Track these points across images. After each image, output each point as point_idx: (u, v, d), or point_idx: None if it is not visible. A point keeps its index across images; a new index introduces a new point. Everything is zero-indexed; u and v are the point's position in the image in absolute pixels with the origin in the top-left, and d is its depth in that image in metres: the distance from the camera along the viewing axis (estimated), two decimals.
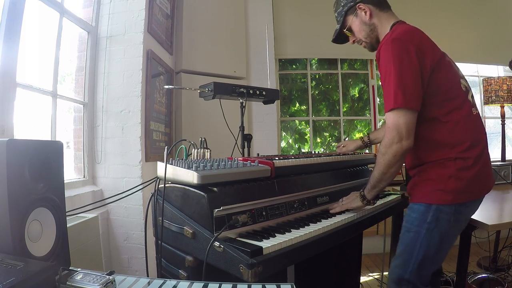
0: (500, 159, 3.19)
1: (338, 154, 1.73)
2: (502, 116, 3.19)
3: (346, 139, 3.84)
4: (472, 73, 4.09)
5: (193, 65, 2.93)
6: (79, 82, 2.14)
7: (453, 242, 1.31)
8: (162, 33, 2.54)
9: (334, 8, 1.47)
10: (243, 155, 1.70)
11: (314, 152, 2.73)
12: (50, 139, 1.78)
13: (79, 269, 0.82)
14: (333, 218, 1.31)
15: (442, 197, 1.21)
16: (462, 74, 1.34)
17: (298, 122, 3.96)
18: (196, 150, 1.41)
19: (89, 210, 1.75)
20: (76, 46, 2.15)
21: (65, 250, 0.99)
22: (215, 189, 1.08)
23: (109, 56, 2.17)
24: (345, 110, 3.94)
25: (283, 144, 3.90)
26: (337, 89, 3.90)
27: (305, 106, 3.91)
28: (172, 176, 1.19)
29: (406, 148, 1.17)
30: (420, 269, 1.25)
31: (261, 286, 0.83)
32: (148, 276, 1.38)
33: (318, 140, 4.00)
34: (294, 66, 3.93)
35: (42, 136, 1.84)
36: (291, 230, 1.13)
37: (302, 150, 3.88)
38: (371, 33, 1.37)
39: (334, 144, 3.92)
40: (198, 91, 1.74)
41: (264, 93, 1.80)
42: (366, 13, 1.35)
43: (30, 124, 1.78)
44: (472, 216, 1.36)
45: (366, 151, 1.89)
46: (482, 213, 1.75)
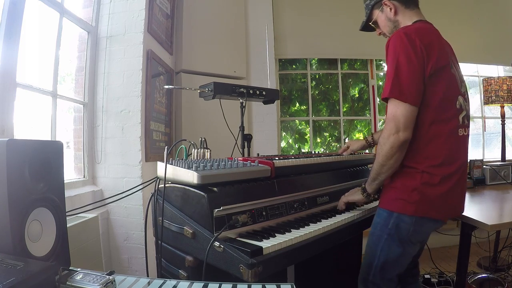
0: (500, 159, 3.19)
1: (338, 154, 1.72)
2: (502, 116, 3.19)
3: (346, 139, 3.84)
4: (472, 73, 4.09)
5: (193, 65, 2.93)
6: (79, 82, 2.14)
7: (416, 248, 1.32)
8: (162, 33, 2.54)
9: None
10: (243, 155, 1.70)
11: (314, 152, 2.73)
12: (50, 139, 1.78)
13: (79, 269, 0.82)
14: (333, 218, 1.31)
15: (403, 206, 1.22)
16: (464, 92, 1.31)
17: (298, 122, 3.96)
18: (196, 150, 1.41)
19: (89, 210, 1.75)
20: (76, 46, 2.15)
21: (65, 250, 0.99)
22: (215, 189, 1.08)
23: (109, 56, 2.17)
24: (345, 110, 3.94)
25: (283, 144, 3.90)
26: (337, 89, 3.90)
27: (305, 106, 3.91)
28: (172, 176, 1.19)
29: (403, 139, 1.16)
30: (382, 272, 1.28)
31: (261, 286, 0.83)
32: (148, 276, 1.38)
33: (318, 140, 4.00)
34: (294, 66, 3.93)
35: (42, 136, 1.83)
36: (291, 230, 1.13)
37: (302, 150, 3.88)
38: (395, 29, 1.36)
39: (334, 144, 3.92)
40: (198, 91, 1.74)
41: (264, 93, 1.80)
42: (391, 9, 1.35)
43: (30, 124, 1.78)
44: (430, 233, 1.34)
45: (366, 151, 1.88)
46: (482, 213, 1.75)
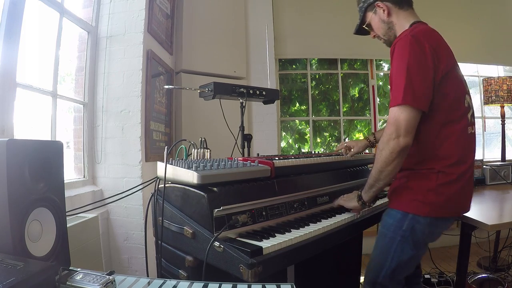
0: (500, 159, 3.19)
1: (338, 154, 1.72)
2: (502, 116, 3.19)
3: (346, 139, 3.84)
4: (472, 73, 4.09)
5: (193, 65, 2.93)
6: (79, 82, 2.14)
7: (426, 250, 1.32)
8: (162, 33, 2.54)
9: (356, 1, 1.47)
10: (243, 155, 1.70)
11: (314, 152, 2.73)
12: (50, 139, 1.78)
13: (79, 269, 0.82)
14: (333, 218, 1.31)
15: (419, 208, 1.20)
16: (468, 90, 1.32)
17: (298, 122, 3.96)
18: (196, 150, 1.41)
19: (89, 210, 1.75)
20: (76, 46, 2.15)
21: (65, 250, 0.99)
22: (215, 189, 1.08)
23: (109, 56, 2.17)
24: (345, 110, 3.94)
25: (283, 144, 3.90)
26: (337, 89, 3.90)
27: (305, 106, 3.91)
28: (172, 176, 1.19)
29: (404, 145, 1.14)
30: (393, 274, 1.26)
31: (261, 286, 0.83)
32: (148, 276, 1.38)
33: (318, 140, 4.00)
34: (294, 66, 3.93)
35: (42, 136, 1.83)
36: (291, 230, 1.13)
37: (302, 150, 3.88)
38: (389, 31, 1.36)
39: (334, 144, 3.92)
40: (198, 91, 1.74)
41: (264, 93, 1.80)
42: (384, 11, 1.34)
43: (30, 124, 1.78)
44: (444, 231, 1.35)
45: (366, 151, 1.88)
46: (482, 213, 1.75)
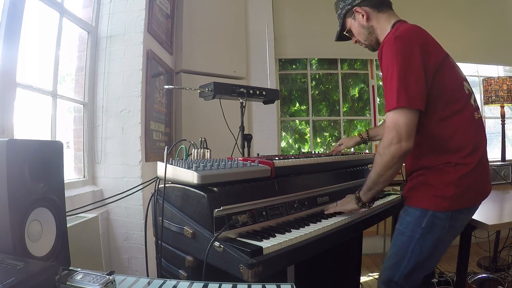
0: (500, 159, 3.19)
1: (338, 154, 1.72)
2: (502, 116, 3.19)
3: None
4: (472, 73, 4.09)
5: (193, 65, 2.93)
6: (79, 82, 2.14)
7: (446, 248, 1.28)
8: (162, 33, 2.54)
9: (335, 9, 1.46)
10: (243, 155, 1.70)
11: (314, 152, 2.73)
12: (50, 139, 1.78)
13: (79, 269, 0.82)
14: (333, 218, 1.31)
15: (439, 203, 1.19)
16: (465, 76, 1.30)
17: (298, 122, 3.96)
18: (196, 150, 1.41)
19: (89, 210, 1.75)
20: (76, 46, 2.15)
21: (65, 250, 0.99)
22: (215, 189, 1.08)
23: (109, 56, 2.17)
24: (345, 110, 3.94)
25: (283, 144, 3.90)
26: (337, 89, 3.90)
27: (305, 106, 3.91)
28: (172, 176, 1.19)
29: (406, 149, 1.12)
30: (410, 273, 1.23)
31: (261, 286, 0.83)
32: (148, 276, 1.38)
33: (318, 140, 4.00)
34: (294, 66, 3.93)
35: (42, 136, 1.83)
36: (291, 230, 1.13)
37: (302, 150, 3.88)
38: (370, 35, 1.35)
39: (334, 144, 3.92)
40: (198, 91, 1.74)
41: (264, 93, 1.80)
42: (363, 16, 1.33)
43: (30, 124, 1.78)
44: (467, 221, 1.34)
45: (366, 151, 1.88)
46: (482, 213, 1.75)
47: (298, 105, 3.95)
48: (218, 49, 3.09)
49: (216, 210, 1.03)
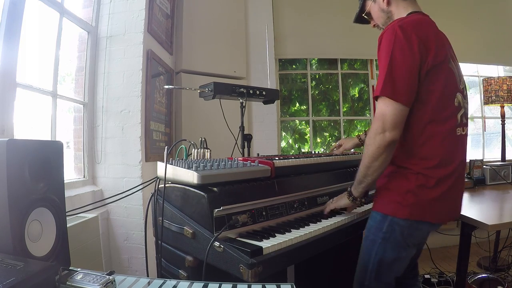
0: (500, 159, 3.19)
1: (338, 154, 1.72)
2: (502, 116, 3.19)
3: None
4: (472, 73, 4.09)
5: (193, 65, 2.93)
6: (79, 82, 2.14)
7: (413, 251, 1.25)
8: (162, 33, 2.54)
9: None
10: (243, 155, 1.70)
11: (314, 152, 2.73)
12: (50, 139, 1.78)
13: (79, 269, 0.82)
14: (333, 218, 1.31)
15: (398, 210, 1.16)
16: (463, 88, 1.24)
17: (298, 122, 3.96)
18: (196, 150, 1.41)
19: (89, 210, 1.75)
20: (76, 46, 2.15)
21: (65, 250, 0.99)
22: (215, 189, 1.08)
23: (109, 56, 2.17)
24: (345, 110, 3.94)
25: (283, 144, 3.90)
26: (337, 89, 3.90)
27: (305, 106, 3.91)
28: (172, 176, 1.19)
29: (390, 140, 1.09)
30: (378, 276, 1.22)
31: (261, 286, 0.83)
32: (148, 276, 1.38)
33: (318, 140, 4.00)
34: (294, 66, 3.93)
35: (42, 136, 1.83)
36: (291, 230, 1.13)
37: (302, 150, 3.88)
38: (388, 20, 1.30)
39: (334, 144, 3.92)
40: (198, 91, 1.74)
41: (264, 93, 1.80)
42: (383, 0, 1.29)
43: (30, 124, 1.78)
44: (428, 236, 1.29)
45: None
46: (482, 213, 1.75)
47: (298, 105, 3.95)
48: (218, 49, 3.09)
49: (216, 210, 1.03)
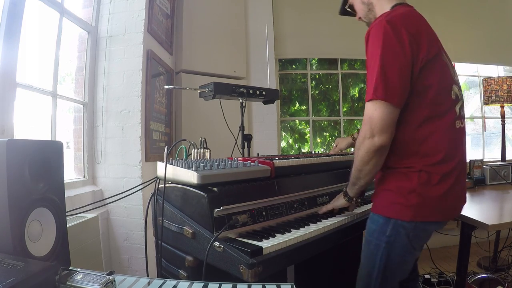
0: (500, 159, 3.19)
1: (338, 154, 1.72)
2: (502, 116, 3.19)
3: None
4: (472, 73, 4.09)
5: (193, 65, 2.93)
6: (79, 82, 2.14)
7: (417, 253, 1.21)
8: (162, 33, 2.54)
9: None
10: (243, 155, 1.70)
11: (314, 152, 2.73)
12: (50, 139, 1.78)
13: (79, 269, 0.82)
14: (333, 218, 1.31)
15: (402, 211, 1.10)
16: (457, 80, 1.20)
17: (298, 122, 3.96)
18: (196, 150, 1.41)
19: (89, 210, 1.75)
20: (76, 46, 2.15)
21: (65, 250, 0.99)
22: (215, 189, 1.08)
23: (109, 56, 2.17)
24: (345, 110, 3.94)
25: (283, 144, 3.90)
26: (337, 89, 3.90)
27: (305, 106, 3.91)
28: (172, 176, 1.19)
29: (379, 145, 1.05)
30: (383, 281, 1.17)
31: (261, 286, 0.83)
32: (148, 276, 1.38)
33: (318, 140, 4.01)
34: (294, 66, 3.94)
35: (42, 136, 1.83)
36: (291, 230, 1.13)
37: (302, 150, 3.88)
38: (369, 13, 1.26)
39: (334, 144, 3.92)
40: (198, 91, 1.74)
41: (264, 93, 1.80)
42: None
43: (30, 124, 1.78)
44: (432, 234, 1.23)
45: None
46: (482, 213, 1.75)
47: (298, 105, 3.96)
48: (218, 49, 3.09)
49: (216, 210, 1.03)
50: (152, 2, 2.31)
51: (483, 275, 2.38)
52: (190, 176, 1.08)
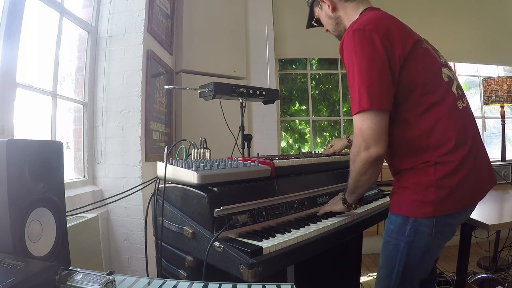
0: (500, 159, 3.19)
1: (337, 154, 1.72)
2: (502, 116, 3.19)
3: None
4: (472, 73, 4.10)
5: (193, 65, 2.93)
6: (79, 82, 2.14)
7: (438, 251, 1.17)
8: (162, 33, 2.54)
9: None
10: (243, 155, 1.70)
11: (314, 152, 2.73)
12: (50, 139, 1.78)
13: (79, 269, 0.82)
14: (333, 218, 1.31)
15: (420, 209, 1.06)
16: (445, 62, 1.16)
17: (298, 122, 3.96)
18: (196, 150, 1.41)
19: (89, 210, 1.75)
20: (76, 46, 2.15)
21: (65, 250, 0.99)
22: (215, 189, 1.08)
23: (109, 56, 2.17)
24: (345, 110, 3.94)
25: (283, 144, 3.90)
26: (337, 89, 3.90)
27: (305, 106, 3.91)
28: (172, 176, 1.19)
29: (376, 156, 1.03)
30: (403, 282, 1.14)
31: (261, 286, 0.83)
32: (148, 276, 1.38)
33: (318, 140, 4.01)
34: (294, 66, 3.94)
35: (42, 136, 1.84)
36: (291, 230, 1.13)
37: (302, 150, 3.88)
38: (338, 26, 1.26)
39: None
40: (198, 91, 1.74)
41: (264, 93, 1.80)
42: (329, 6, 1.24)
43: (30, 124, 1.78)
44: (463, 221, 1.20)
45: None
46: (482, 213, 1.75)
47: (298, 105, 3.96)
48: (218, 49, 3.09)
49: (216, 210, 1.03)
50: (152, 2, 2.31)
51: (483, 275, 2.38)
52: (190, 176, 1.08)
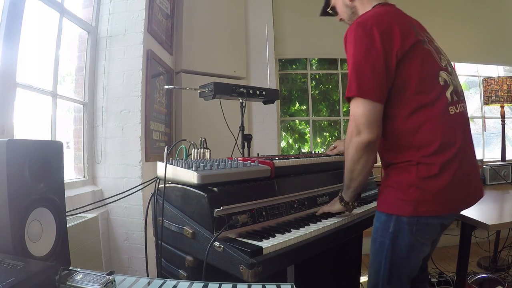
0: (500, 159, 3.19)
1: (338, 154, 1.72)
2: (502, 116, 3.19)
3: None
4: (472, 73, 4.10)
5: (193, 65, 2.93)
6: (79, 82, 2.14)
7: (424, 249, 1.17)
8: (162, 33, 2.54)
9: None
10: (243, 155, 1.70)
11: (314, 152, 2.73)
12: (50, 139, 1.78)
13: (79, 269, 0.82)
14: (333, 218, 1.31)
15: (402, 207, 1.08)
16: (446, 65, 1.17)
17: (298, 122, 3.96)
18: (196, 150, 1.41)
19: (89, 210, 1.75)
20: (76, 46, 2.15)
21: (65, 250, 0.99)
22: (215, 189, 1.08)
23: (109, 56, 2.17)
24: (345, 110, 3.94)
25: (283, 144, 3.90)
26: (337, 89, 3.90)
27: (305, 106, 3.91)
28: (172, 176, 1.19)
29: (367, 140, 1.05)
30: (391, 279, 1.15)
31: (261, 286, 0.83)
32: (148, 276, 1.38)
33: (318, 140, 4.01)
34: (294, 66, 3.94)
35: (42, 136, 1.84)
36: (291, 230, 1.13)
37: (302, 150, 3.88)
38: (353, 16, 1.27)
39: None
40: (198, 91, 1.74)
41: (264, 93, 1.80)
42: None
43: (30, 124, 1.78)
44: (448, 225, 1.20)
45: None
46: (482, 213, 1.75)
47: (298, 105, 3.96)
48: (218, 49, 3.09)
49: (216, 210, 1.03)
50: (152, 2, 2.31)
51: (483, 275, 2.38)
52: (190, 176, 1.08)
